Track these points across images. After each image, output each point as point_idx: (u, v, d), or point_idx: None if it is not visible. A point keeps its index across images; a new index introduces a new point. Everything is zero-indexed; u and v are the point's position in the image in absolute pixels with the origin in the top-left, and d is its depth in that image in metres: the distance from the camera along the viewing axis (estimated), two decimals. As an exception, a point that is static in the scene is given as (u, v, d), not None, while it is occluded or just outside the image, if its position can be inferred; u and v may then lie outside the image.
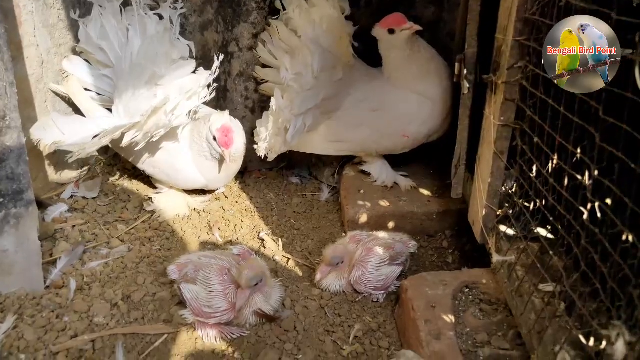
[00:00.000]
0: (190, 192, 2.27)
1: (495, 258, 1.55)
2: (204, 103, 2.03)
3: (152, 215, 2.15)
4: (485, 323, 1.50)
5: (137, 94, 2.00)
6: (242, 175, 2.51)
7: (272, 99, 2.04)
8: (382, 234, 1.92)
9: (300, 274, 1.95)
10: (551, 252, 1.22)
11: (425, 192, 2.22)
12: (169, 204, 2.18)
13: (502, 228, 1.62)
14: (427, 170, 2.39)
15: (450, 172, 2.05)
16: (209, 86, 1.94)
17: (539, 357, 1.24)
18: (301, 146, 2.23)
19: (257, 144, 2.16)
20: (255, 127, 2.22)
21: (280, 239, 2.10)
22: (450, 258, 2.05)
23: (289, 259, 2.02)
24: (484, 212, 1.63)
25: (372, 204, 2.13)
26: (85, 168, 2.34)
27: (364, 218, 2.09)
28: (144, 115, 1.84)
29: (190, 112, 1.94)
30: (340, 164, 2.46)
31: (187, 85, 1.92)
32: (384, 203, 2.14)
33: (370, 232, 1.94)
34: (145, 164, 2.11)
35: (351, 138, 2.20)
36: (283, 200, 2.39)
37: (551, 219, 1.27)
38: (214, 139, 1.94)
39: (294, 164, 2.58)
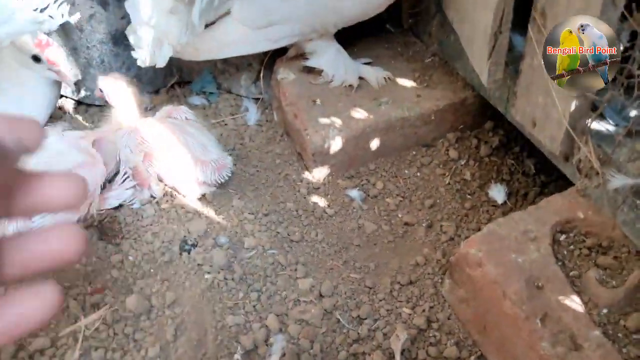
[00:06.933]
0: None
1: (617, 181, 0.92)
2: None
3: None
4: (624, 292, 0.91)
5: None
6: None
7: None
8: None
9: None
10: None
11: (407, 83, 1.50)
12: None
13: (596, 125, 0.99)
14: (391, 46, 1.64)
15: (424, 40, 1.33)
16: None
17: None
18: (211, 50, 1.34)
19: (133, 49, 1.25)
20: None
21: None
22: (468, 173, 1.41)
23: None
24: (574, 102, 0.97)
25: (343, 119, 1.37)
26: None
27: (337, 143, 1.34)
28: None
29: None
30: (263, 64, 1.62)
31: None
32: (359, 113, 1.39)
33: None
34: None
35: (292, 10, 1.31)
36: (192, 136, 1.53)
37: None
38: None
39: (188, 76, 1.68)
